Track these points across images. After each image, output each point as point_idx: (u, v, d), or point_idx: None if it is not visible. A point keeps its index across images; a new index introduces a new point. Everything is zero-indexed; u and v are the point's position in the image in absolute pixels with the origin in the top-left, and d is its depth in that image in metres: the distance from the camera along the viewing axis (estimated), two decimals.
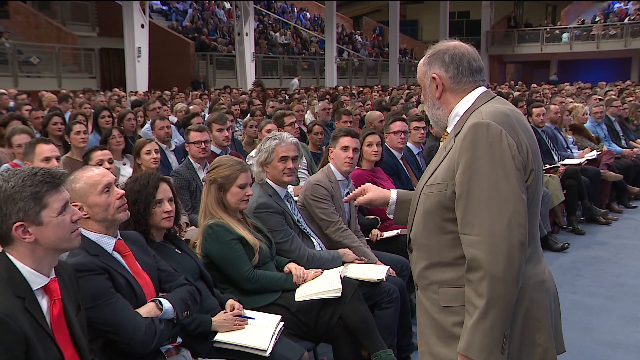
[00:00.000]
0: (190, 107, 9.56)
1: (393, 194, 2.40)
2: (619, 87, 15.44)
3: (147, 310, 2.42)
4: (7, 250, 1.93)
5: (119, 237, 2.52)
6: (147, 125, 7.97)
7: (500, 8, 34.50)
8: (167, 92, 15.09)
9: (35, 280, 1.93)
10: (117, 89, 14.81)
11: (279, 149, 3.63)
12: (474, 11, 35.43)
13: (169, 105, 10.14)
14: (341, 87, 19.38)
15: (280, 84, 24.06)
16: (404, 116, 5.57)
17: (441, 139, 2.19)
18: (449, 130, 2.08)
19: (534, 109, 7.32)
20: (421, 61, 2.12)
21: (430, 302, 2.03)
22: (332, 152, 4.18)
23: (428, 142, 5.99)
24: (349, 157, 4.10)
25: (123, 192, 2.53)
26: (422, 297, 2.07)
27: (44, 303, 1.95)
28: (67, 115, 7.97)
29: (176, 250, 2.97)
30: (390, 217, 2.41)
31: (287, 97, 14.92)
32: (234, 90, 16.64)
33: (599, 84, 18.07)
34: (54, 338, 1.93)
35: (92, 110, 8.49)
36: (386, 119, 5.75)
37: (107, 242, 2.46)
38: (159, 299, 2.49)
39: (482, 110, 1.96)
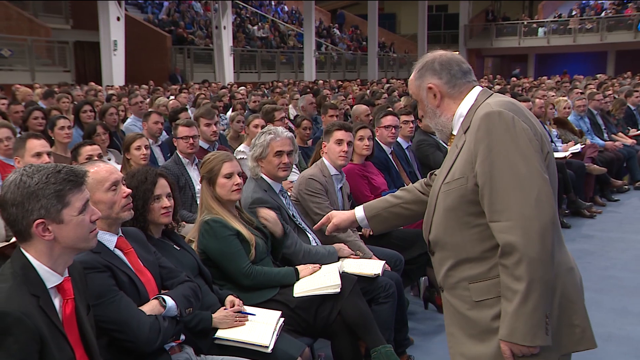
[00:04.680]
0: (170, 102, 9.40)
1: (358, 211, 2.49)
2: (597, 81, 15.63)
3: (150, 307, 2.39)
4: (23, 247, 1.90)
5: (120, 234, 2.48)
6: (130, 120, 7.85)
7: (478, 2, 34.75)
8: (144, 86, 14.89)
9: (50, 278, 1.90)
10: (93, 83, 14.56)
11: (274, 143, 3.59)
12: (452, 5, 35.60)
13: (147, 101, 9.98)
14: (321, 81, 19.33)
15: (258, 78, 23.90)
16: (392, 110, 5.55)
17: (448, 143, 2.18)
18: (454, 132, 2.09)
19: (522, 103, 7.33)
20: (411, 78, 2.15)
21: (460, 300, 2.02)
22: (325, 146, 4.15)
23: (417, 135, 5.97)
24: (343, 151, 4.08)
25: (129, 190, 2.48)
26: (450, 297, 2.06)
27: (56, 302, 1.92)
28: None
29: (174, 246, 2.93)
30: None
31: (265, 92, 14.82)
32: (213, 84, 16.50)
33: (576, 77, 18.29)
34: (67, 337, 1.89)
35: (72, 105, 8.32)
36: (377, 113, 5.72)
37: (109, 240, 2.42)
38: (162, 296, 2.45)
39: (489, 102, 1.99)
